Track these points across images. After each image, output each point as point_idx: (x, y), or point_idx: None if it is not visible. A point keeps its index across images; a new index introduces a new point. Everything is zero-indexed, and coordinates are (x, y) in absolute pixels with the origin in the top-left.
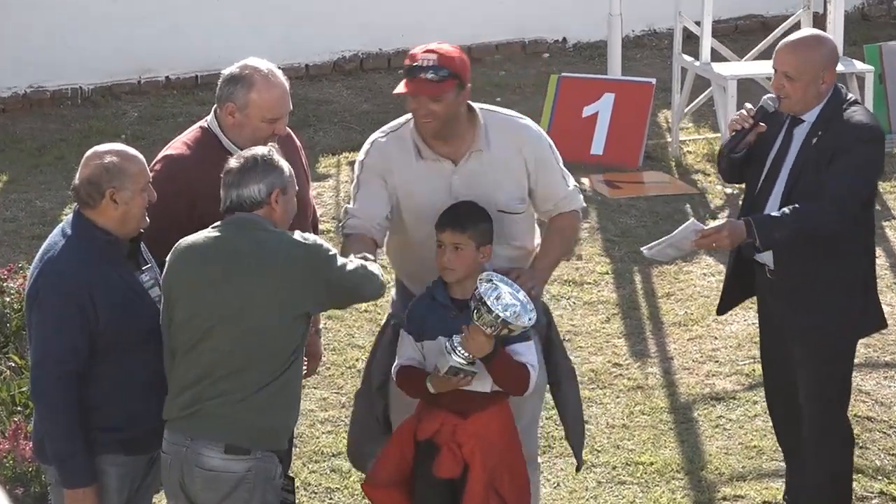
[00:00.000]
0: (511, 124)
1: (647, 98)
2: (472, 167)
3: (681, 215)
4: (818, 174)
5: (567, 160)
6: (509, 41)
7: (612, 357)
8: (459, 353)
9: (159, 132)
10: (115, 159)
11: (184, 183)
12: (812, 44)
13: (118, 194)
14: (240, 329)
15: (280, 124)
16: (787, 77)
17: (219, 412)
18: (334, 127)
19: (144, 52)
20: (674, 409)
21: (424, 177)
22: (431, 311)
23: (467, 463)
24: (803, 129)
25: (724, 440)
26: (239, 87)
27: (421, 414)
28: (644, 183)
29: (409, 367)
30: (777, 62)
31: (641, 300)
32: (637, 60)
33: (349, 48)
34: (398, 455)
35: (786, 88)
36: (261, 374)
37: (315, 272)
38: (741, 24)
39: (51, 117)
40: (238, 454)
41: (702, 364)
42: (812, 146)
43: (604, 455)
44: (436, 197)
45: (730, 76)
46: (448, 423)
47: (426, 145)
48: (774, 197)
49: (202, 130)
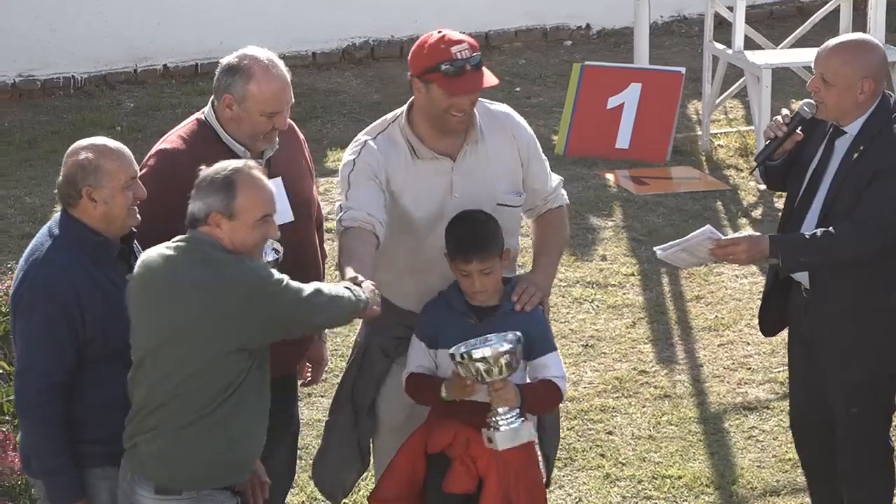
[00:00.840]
0: (499, 113)
1: (676, 88)
2: (470, 163)
3: (711, 213)
4: (858, 193)
5: (591, 154)
6: (529, 27)
7: (637, 364)
8: (506, 419)
9: (157, 124)
10: (91, 156)
11: (180, 179)
12: (855, 48)
13: (96, 192)
14: (170, 359)
15: (280, 118)
16: (824, 80)
17: (147, 449)
18: (343, 119)
19: (141, 39)
20: (703, 419)
21: (423, 177)
22: (448, 318)
23: (482, 478)
24: (845, 142)
25: (757, 452)
26: (237, 78)
27: (432, 426)
28: (672, 179)
29: (420, 374)
30: (816, 63)
31: (669, 303)
32: (665, 48)
33: (359, 35)
34: (409, 468)
35: (821, 93)
36: (187, 409)
37: (256, 307)
38: (776, 10)
39: (42, 108)
40: (168, 494)
41: (733, 371)
42: (853, 162)
43: (629, 468)
44: (436, 198)
45: (764, 65)
46: (461, 435)
47: (422, 144)
48: (812, 213)
49: (199, 123)
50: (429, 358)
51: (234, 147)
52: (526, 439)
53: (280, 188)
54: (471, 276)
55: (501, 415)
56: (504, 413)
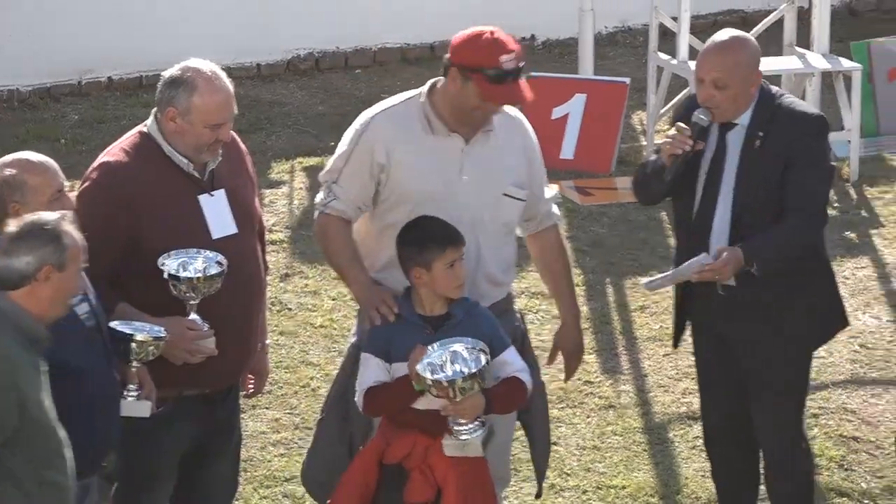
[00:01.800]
0: (513, 114)
1: (621, 99)
2: (482, 146)
3: (655, 223)
4: (769, 183)
5: None
6: None
7: (582, 374)
8: (466, 430)
9: (101, 136)
10: (14, 171)
11: (123, 192)
12: (739, 46)
13: (23, 209)
14: None
15: (224, 130)
16: (717, 87)
17: None
18: (287, 130)
19: (85, 51)
20: (648, 429)
21: (434, 156)
22: (401, 330)
23: (440, 486)
24: (739, 135)
25: (702, 462)
26: (180, 90)
27: (389, 437)
28: (617, 189)
29: (378, 386)
30: (703, 70)
31: (614, 314)
32: (610, 59)
33: (303, 46)
34: (361, 480)
35: (716, 98)
36: None
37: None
38: (720, 20)
39: None
40: None
41: (678, 381)
42: (755, 151)
43: (573, 478)
44: (446, 179)
45: None
46: (420, 444)
47: (441, 122)
48: (722, 210)
49: (142, 136)
50: (386, 373)
51: (176, 160)
52: (472, 454)
53: (223, 200)
54: (456, 265)
55: (462, 424)
56: (465, 423)
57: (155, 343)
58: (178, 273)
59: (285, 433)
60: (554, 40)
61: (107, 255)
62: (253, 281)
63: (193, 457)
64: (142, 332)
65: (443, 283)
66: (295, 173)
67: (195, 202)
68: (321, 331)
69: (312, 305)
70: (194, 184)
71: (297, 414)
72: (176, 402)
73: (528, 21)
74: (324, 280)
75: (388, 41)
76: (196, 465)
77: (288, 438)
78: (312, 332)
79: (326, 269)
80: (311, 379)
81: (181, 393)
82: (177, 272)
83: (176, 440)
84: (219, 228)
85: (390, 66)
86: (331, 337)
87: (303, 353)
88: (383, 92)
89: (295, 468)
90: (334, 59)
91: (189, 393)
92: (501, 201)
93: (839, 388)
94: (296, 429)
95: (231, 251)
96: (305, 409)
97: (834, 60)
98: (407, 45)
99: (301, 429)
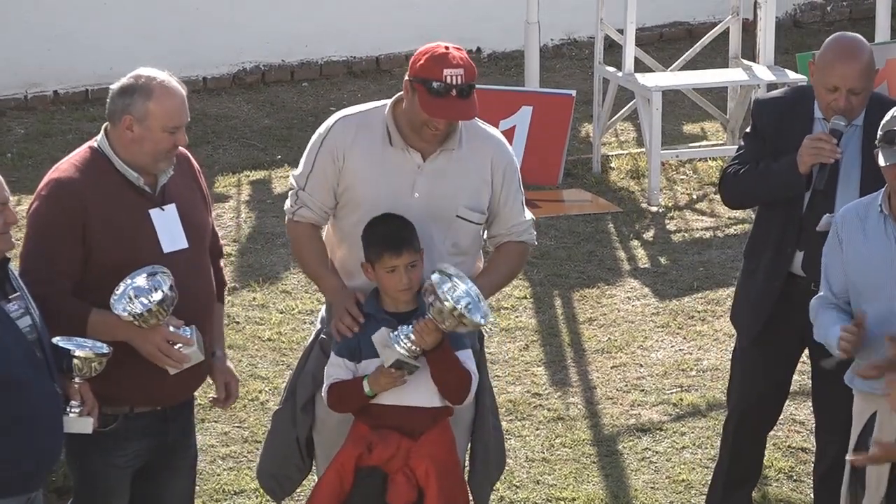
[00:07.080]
0: (487, 133)
1: (567, 111)
2: (440, 165)
3: (603, 235)
4: None
5: None
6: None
7: (531, 387)
8: (404, 345)
9: (47, 150)
10: None
11: (75, 209)
12: (864, 49)
13: None
14: None
15: (181, 135)
16: (854, 93)
17: None
18: (234, 144)
19: (31, 65)
20: (597, 441)
21: (389, 168)
22: (369, 328)
23: (422, 487)
24: (855, 135)
25: (651, 474)
26: (136, 97)
27: (370, 440)
28: (564, 201)
29: (341, 382)
30: (839, 79)
31: (562, 326)
32: (556, 71)
33: (250, 59)
34: (336, 483)
35: (852, 104)
36: None
37: None
38: (666, 33)
39: None
40: None
41: (626, 393)
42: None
43: (523, 491)
44: (397, 194)
45: (654, 87)
46: (403, 447)
47: (399, 136)
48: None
49: (92, 151)
50: (350, 373)
51: (128, 174)
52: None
53: (173, 215)
54: (398, 271)
55: (406, 344)
56: (410, 346)
57: (98, 359)
58: (131, 311)
59: (234, 447)
60: (500, 53)
61: (68, 267)
62: (202, 296)
63: (147, 473)
64: (83, 349)
65: (385, 284)
66: (242, 187)
67: (146, 217)
68: (269, 344)
69: (260, 319)
70: (145, 199)
71: (246, 427)
72: (127, 419)
73: (474, 34)
74: (272, 293)
75: (334, 55)
76: (150, 481)
77: (237, 452)
78: (261, 346)
79: (274, 282)
80: (259, 392)
81: (132, 409)
82: (131, 311)
83: (127, 457)
84: (169, 243)
85: (336, 80)
86: (279, 350)
87: (251, 366)
88: (330, 105)
89: (244, 482)
90: (280, 72)
91: (141, 409)
92: (454, 223)
93: (788, 400)
94: (245, 442)
95: (182, 265)
96: (254, 422)
97: (779, 72)
98: (353, 58)
99: (250, 442)
